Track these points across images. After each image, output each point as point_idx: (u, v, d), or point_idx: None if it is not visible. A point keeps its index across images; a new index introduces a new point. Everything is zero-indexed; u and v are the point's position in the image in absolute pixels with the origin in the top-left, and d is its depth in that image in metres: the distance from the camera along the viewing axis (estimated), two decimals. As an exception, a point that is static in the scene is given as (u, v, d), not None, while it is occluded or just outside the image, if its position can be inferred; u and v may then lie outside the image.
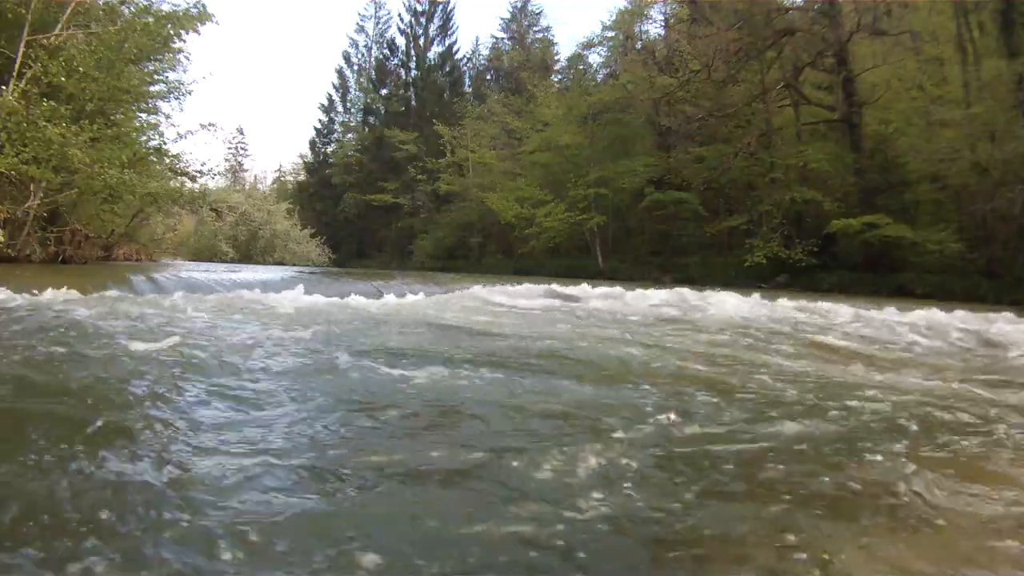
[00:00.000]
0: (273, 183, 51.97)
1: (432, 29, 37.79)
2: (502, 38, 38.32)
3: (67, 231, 10.08)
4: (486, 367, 3.15)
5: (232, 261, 26.26)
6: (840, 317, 6.86)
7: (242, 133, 55.09)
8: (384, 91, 38.27)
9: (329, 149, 40.49)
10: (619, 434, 2.09)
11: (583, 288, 9.32)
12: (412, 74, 37.79)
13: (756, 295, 8.70)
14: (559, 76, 33.12)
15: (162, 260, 14.79)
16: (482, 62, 39.14)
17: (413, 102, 37.13)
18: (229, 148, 50.89)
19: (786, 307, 7.71)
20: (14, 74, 8.78)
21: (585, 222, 22.10)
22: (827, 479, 1.77)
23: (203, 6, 10.65)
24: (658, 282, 15.60)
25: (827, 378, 3.30)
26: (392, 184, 33.45)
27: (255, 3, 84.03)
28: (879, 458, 1.96)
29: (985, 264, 13.38)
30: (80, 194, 9.65)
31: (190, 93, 13.29)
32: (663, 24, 26.54)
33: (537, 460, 1.79)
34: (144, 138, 12.15)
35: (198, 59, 30.30)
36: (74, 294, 5.45)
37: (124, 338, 3.45)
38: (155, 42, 10.94)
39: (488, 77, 38.53)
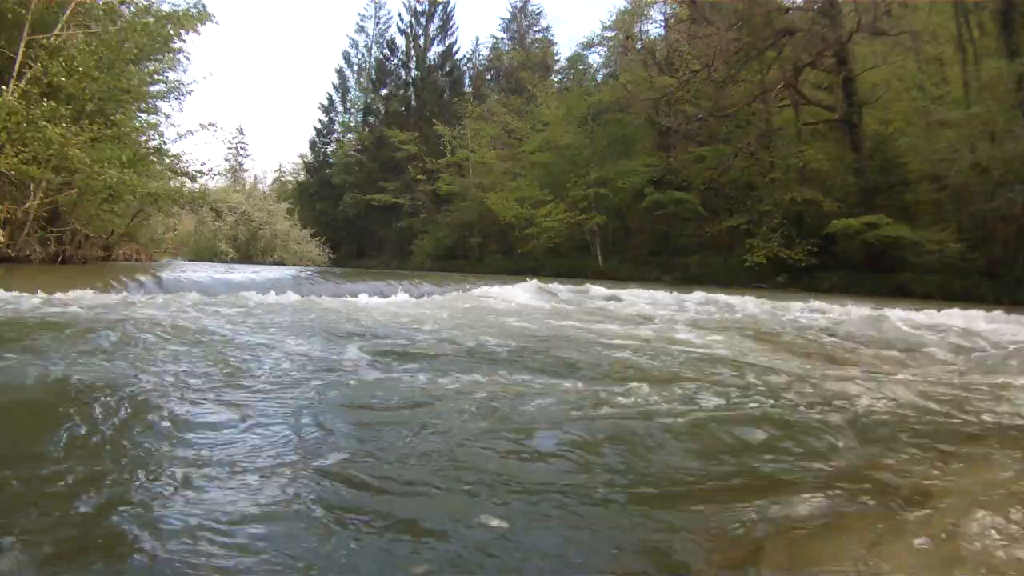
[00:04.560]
0: (273, 183, 52.01)
1: (432, 29, 37.77)
2: (502, 38, 38.34)
3: (67, 231, 10.08)
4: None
5: (232, 261, 26.26)
6: (834, 314, 6.86)
7: (242, 133, 55.15)
8: (384, 91, 38.25)
9: (329, 149, 40.47)
10: (618, 423, 2.09)
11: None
12: (412, 74, 37.76)
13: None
14: (559, 76, 33.09)
15: (162, 260, 14.79)
16: (482, 62, 39.13)
17: (413, 102, 37.10)
18: (229, 148, 50.97)
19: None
20: (14, 74, 8.78)
21: (585, 222, 22.10)
22: (824, 472, 1.77)
23: (203, 6, 10.67)
24: (658, 281, 15.62)
25: (818, 377, 3.30)
26: (392, 184, 33.44)
27: (255, 3, 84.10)
28: (876, 453, 1.96)
29: (985, 264, 13.36)
30: (80, 194, 9.65)
31: (190, 93, 13.32)
32: (663, 24, 26.57)
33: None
34: (144, 138, 12.17)
35: (198, 59, 30.37)
36: (74, 295, 5.44)
37: (134, 340, 3.45)
38: (155, 42, 10.95)
39: (488, 77, 38.48)
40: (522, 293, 8.39)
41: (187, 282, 7.25)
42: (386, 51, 38.91)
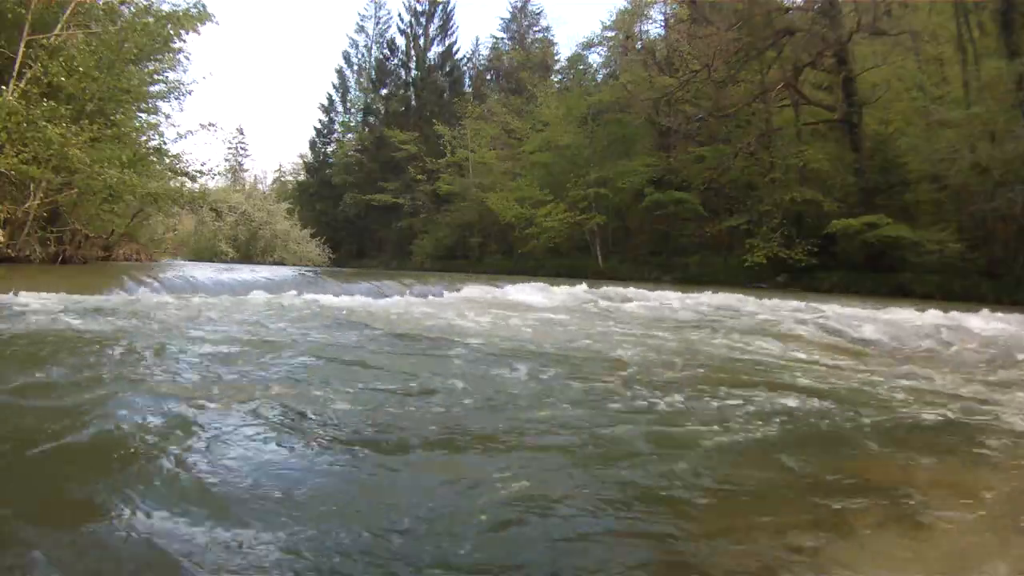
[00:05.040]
0: (273, 183, 51.97)
1: (432, 29, 37.75)
2: (502, 38, 38.30)
3: (67, 231, 10.07)
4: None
5: (232, 261, 26.25)
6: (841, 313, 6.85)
7: (242, 133, 55.06)
8: (384, 91, 38.22)
9: (329, 149, 40.45)
10: (612, 426, 2.09)
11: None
12: (412, 74, 37.73)
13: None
14: (559, 76, 33.07)
15: (162, 260, 14.78)
16: (482, 62, 39.10)
17: (413, 102, 37.07)
18: (229, 148, 50.91)
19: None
20: (14, 74, 8.77)
21: (585, 222, 22.08)
22: (822, 473, 1.77)
23: (203, 6, 10.64)
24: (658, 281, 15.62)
25: (820, 375, 3.30)
26: (392, 184, 33.42)
27: (255, 3, 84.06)
28: (876, 456, 1.96)
29: (985, 264, 13.36)
30: (80, 194, 9.64)
31: (190, 93, 13.31)
32: (663, 24, 26.56)
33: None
34: (144, 138, 12.16)
35: (198, 59, 30.30)
36: (70, 296, 5.43)
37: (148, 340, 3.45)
38: (155, 42, 10.93)
39: (488, 77, 38.46)
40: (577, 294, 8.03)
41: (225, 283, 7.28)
42: (386, 51, 38.91)
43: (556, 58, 35.81)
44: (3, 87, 8.50)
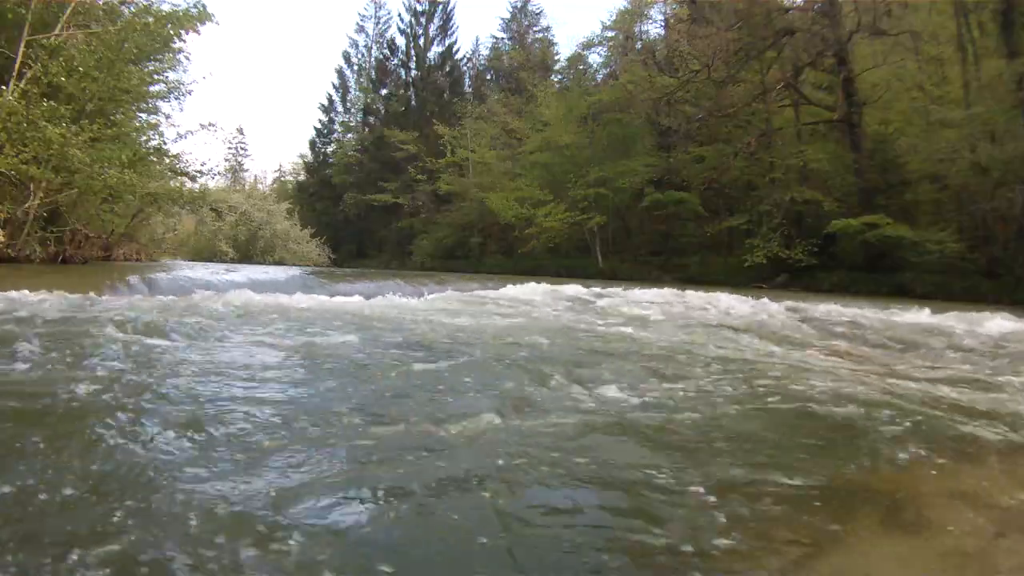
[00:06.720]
0: (273, 183, 51.98)
1: (432, 29, 37.75)
2: (502, 38, 38.30)
3: (67, 231, 10.08)
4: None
5: (232, 261, 26.24)
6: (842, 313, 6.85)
7: (242, 133, 54.98)
8: (384, 91, 38.23)
9: (329, 149, 40.46)
10: (618, 419, 2.09)
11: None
12: (412, 74, 37.75)
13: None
14: (559, 76, 33.08)
15: (162, 260, 14.79)
16: (482, 62, 39.11)
17: (413, 102, 37.08)
18: (229, 148, 50.87)
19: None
20: (14, 74, 8.79)
21: (585, 222, 22.07)
22: (822, 477, 1.77)
23: (203, 6, 10.63)
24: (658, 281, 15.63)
25: (819, 375, 3.30)
26: (392, 184, 33.41)
27: (255, 3, 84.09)
28: (876, 456, 1.96)
29: (985, 264, 13.35)
30: (80, 194, 9.65)
31: (190, 93, 13.35)
32: (663, 24, 26.57)
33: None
34: (144, 138, 12.18)
35: (198, 59, 30.32)
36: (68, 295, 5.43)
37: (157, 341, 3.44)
38: (155, 42, 10.94)
39: (488, 77, 38.47)
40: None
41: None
42: (386, 51, 38.92)
43: (556, 58, 35.83)
44: (3, 87, 8.51)
